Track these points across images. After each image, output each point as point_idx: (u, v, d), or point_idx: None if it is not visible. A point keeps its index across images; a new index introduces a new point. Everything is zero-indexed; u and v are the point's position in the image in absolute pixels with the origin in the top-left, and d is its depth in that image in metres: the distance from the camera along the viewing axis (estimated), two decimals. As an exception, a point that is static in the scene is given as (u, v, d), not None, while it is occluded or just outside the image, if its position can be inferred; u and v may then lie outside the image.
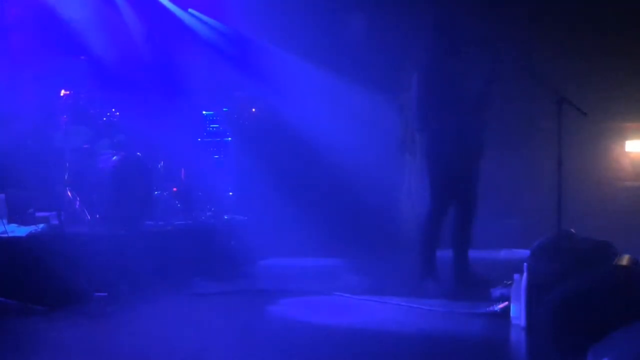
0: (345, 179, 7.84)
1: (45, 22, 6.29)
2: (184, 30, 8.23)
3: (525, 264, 3.99)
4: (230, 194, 7.47)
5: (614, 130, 7.23)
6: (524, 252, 5.15)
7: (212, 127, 7.67)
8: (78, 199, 5.51)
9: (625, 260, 4.08)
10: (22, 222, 5.15)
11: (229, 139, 7.63)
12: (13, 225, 5.02)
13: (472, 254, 5.70)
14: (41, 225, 4.93)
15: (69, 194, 5.51)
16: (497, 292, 4.80)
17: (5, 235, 4.68)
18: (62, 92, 5.82)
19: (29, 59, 6.05)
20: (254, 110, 8.03)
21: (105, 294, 4.81)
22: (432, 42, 5.40)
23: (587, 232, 5.62)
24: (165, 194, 6.81)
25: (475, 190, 5.38)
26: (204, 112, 7.69)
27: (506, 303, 4.33)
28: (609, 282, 3.94)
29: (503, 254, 6.34)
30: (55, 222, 4.88)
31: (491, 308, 4.47)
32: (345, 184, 7.84)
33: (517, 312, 4.04)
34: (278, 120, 8.03)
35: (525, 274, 3.98)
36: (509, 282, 4.46)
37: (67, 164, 5.70)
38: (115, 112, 6.18)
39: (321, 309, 4.81)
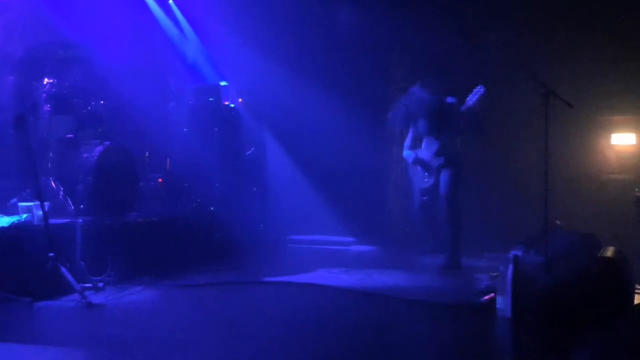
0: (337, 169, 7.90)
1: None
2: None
3: (511, 255, 3.99)
4: (217, 185, 7.40)
5: (600, 123, 7.25)
6: (510, 244, 5.16)
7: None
8: (62, 189, 5.45)
9: (610, 252, 4.09)
10: (5, 212, 5.10)
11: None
12: (-4, 216, 4.96)
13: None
14: (25, 216, 4.88)
15: (53, 184, 5.45)
16: (483, 283, 4.81)
17: (-12, 225, 4.62)
18: (45, 81, 5.74)
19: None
20: (240, 100, 7.97)
21: (90, 284, 4.78)
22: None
23: (573, 224, 5.66)
24: (151, 184, 6.76)
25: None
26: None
27: (492, 295, 4.34)
28: (594, 274, 3.97)
29: (488, 246, 6.34)
30: (38, 212, 4.82)
31: (477, 300, 4.48)
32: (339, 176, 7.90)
33: (503, 304, 4.04)
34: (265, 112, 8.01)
35: (511, 266, 3.98)
36: (495, 274, 4.47)
37: (51, 154, 5.64)
38: (100, 101, 6.10)
39: (306, 299, 4.82)
